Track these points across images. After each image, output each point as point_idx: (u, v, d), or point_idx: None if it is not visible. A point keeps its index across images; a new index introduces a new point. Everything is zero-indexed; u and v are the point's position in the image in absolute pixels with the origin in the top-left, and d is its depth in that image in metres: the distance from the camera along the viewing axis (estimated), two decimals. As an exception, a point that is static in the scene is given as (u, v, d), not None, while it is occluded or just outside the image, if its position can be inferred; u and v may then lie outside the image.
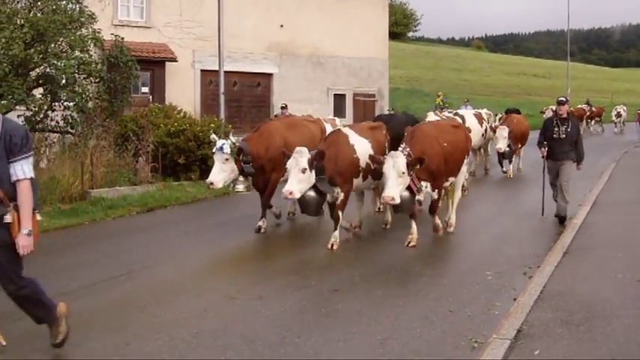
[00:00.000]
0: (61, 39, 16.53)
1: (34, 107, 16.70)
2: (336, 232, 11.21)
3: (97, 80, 18.63)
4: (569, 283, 8.95)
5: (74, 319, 6.84)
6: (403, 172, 10.39)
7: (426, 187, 11.19)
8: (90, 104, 18.40)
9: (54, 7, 16.51)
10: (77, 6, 17.34)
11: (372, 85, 36.26)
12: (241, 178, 12.64)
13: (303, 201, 10.93)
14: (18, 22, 15.80)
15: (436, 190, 11.51)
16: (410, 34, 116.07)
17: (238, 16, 29.12)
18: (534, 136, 16.36)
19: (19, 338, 6.91)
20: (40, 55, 16.39)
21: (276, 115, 24.70)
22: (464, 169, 13.01)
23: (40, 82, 17.19)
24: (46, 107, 17.12)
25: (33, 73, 17.02)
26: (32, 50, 16.16)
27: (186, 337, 7.08)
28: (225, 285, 9.25)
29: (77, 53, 16.96)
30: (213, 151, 12.29)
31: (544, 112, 38.56)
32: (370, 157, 11.23)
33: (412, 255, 10.77)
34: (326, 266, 10.10)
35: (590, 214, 13.95)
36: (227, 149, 12.00)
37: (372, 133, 12.30)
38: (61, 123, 17.62)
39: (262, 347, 6.81)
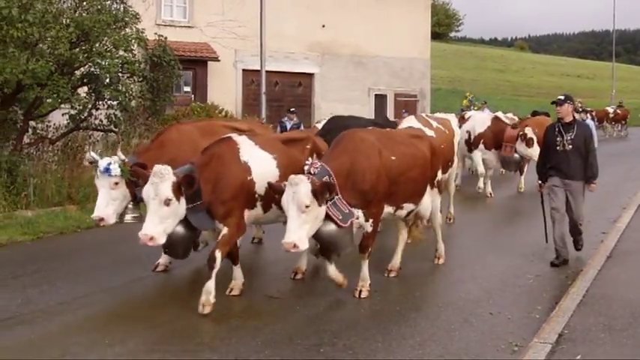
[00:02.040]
0: (106, 38, 16.69)
1: (79, 106, 16.90)
2: (204, 299, 7.96)
3: (140, 79, 18.79)
4: (612, 288, 8.82)
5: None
6: (307, 206, 7.46)
7: (357, 217, 8.22)
8: (133, 103, 18.57)
9: (99, 6, 16.67)
10: (121, 6, 17.49)
11: (413, 85, 36.10)
12: (131, 206, 9.27)
13: (169, 240, 7.88)
14: (64, 22, 15.98)
15: (370, 221, 8.37)
16: (452, 34, 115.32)
17: (280, 16, 29.20)
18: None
19: None
20: (85, 55, 16.57)
21: (280, 122, 22.19)
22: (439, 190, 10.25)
23: (85, 81, 17.38)
24: (90, 106, 17.31)
25: (78, 72, 17.22)
26: (77, 49, 16.35)
27: (226, 334, 7.12)
28: (265, 284, 9.28)
29: (121, 52, 17.11)
30: (97, 175, 9.00)
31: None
32: (269, 184, 8.18)
33: (452, 257, 10.68)
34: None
35: (635, 217, 13.72)
36: (115, 170, 8.83)
37: (285, 146, 8.98)
38: (105, 121, 17.80)
39: (300, 346, 6.82)
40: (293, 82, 32.92)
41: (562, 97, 10.31)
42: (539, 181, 10.60)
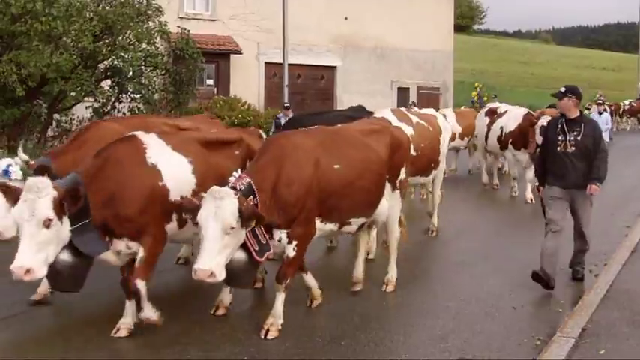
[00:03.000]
0: (129, 32, 16.82)
1: (102, 99, 17.07)
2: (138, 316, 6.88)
3: (162, 72, 18.92)
4: (636, 282, 8.75)
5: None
6: (232, 227, 6.16)
7: (279, 239, 6.85)
8: (156, 96, 18.70)
9: (122, 0, 16.79)
10: (144, -1, 17.60)
11: (436, 78, 35.95)
12: None
13: (52, 271, 6.24)
14: (87, 16, 16.12)
15: (294, 243, 6.87)
16: (475, 26, 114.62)
17: (302, 9, 29.18)
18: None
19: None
20: (109, 48, 16.71)
21: (276, 117, 20.55)
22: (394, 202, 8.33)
23: (108, 74, 17.54)
24: (113, 99, 17.47)
25: (101, 66, 17.37)
26: (101, 43, 16.49)
27: (248, 327, 7.13)
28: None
29: (144, 46, 17.24)
30: None
31: (588, 109, 31.79)
32: (182, 198, 6.74)
33: (474, 250, 10.63)
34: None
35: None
36: (17, 174, 7.33)
37: (206, 149, 7.39)
38: (128, 114, 17.92)
39: (322, 339, 6.82)
40: (315, 75, 32.92)
41: (562, 90, 8.78)
42: (537, 185, 9.28)
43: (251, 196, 6.44)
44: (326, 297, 8.14)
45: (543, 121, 13.90)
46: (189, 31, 21.69)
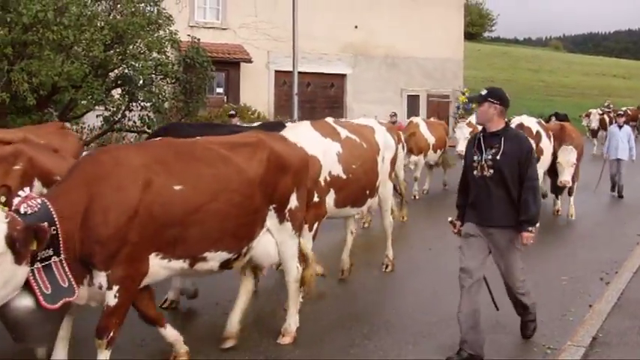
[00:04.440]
0: (139, 41, 16.86)
1: (113, 107, 17.11)
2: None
3: (173, 81, 18.94)
4: (648, 291, 8.71)
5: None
6: None
7: (100, 285, 5.45)
8: (166, 104, 18.73)
9: (133, 9, 16.84)
10: (155, 8, 17.64)
11: (446, 86, 35.92)
12: None
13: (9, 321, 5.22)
14: (98, 25, 16.17)
15: (115, 289, 5.46)
16: (486, 34, 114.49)
17: (312, 17, 29.24)
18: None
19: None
20: (119, 57, 16.75)
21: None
22: (299, 236, 7.01)
23: (119, 82, 17.58)
24: (123, 107, 17.50)
25: (112, 74, 17.41)
26: (111, 52, 16.53)
27: (256, 335, 7.13)
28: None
29: (154, 55, 17.28)
30: None
31: (588, 116, 31.50)
32: None
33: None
34: (396, 269, 10.03)
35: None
36: None
37: None
38: (138, 123, 17.98)
39: (331, 348, 6.82)
40: (325, 84, 32.96)
41: (483, 92, 6.60)
42: (452, 219, 6.94)
43: (46, 222, 5.02)
44: (333, 305, 8.14)
45: (569, 153, 13.14)
46: (199, 39, 21.72)
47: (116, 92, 17.82)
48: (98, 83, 15.86)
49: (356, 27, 32.87)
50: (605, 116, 30.53)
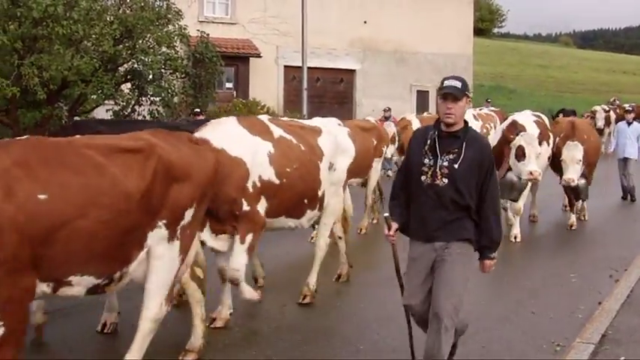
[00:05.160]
0: (149, 35, 16.88)
1: (122, 102, 17.15)
2: None
3: (182, 76, 18.97)
4: (658, 288, 8.68)
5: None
6: None
7: None
8: (175, 99, 18.76)
9: (142, 4, 16.85)
10: (164, 3, 17.66)
11: (455, 81, 35.80)
12: None
13: None
14: (108, 19, 16.20)
15: None
16: (495, 30, 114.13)
17: (322, 13, 29.21)
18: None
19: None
20: (129, 51, 16.78)
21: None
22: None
23: (128, 77, 17.61)
24: (133, 102, 17.54)
25: (121, 69, 17.44)
26: (121, 46, 16.55)
27: (266, 330, 7.14)
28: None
29: (164, 49, 17.30)
30: None
31: (592, 117, 27.64)
32: None
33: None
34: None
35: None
36: None
37: None
38: (148, 117, 18.00)
39: (340, 342, 6.82)
40: (334, 79, 32.93)
41: (458, 85, 5.25)
42: (387, 223, 5.51)
43: None
44: (343, 301, 8.15)
45: (574, 149, 12.13)
46: (208, 34, 21.79)
47: (126, 87, 17.86)
48: (108, 78, 15.89)
49: (365, 22, 32.80)
50: (612, 113, 29.27)
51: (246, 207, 6.86)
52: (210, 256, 7.17)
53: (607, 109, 29.85)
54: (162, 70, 17.70)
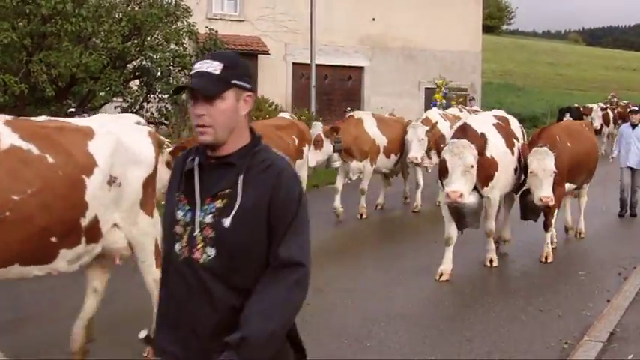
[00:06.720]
0: (157, 32, 16.93)
1: (130, 99, 17.21)
2: None
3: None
4: (666, 286, 8.64)
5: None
6: None
7: None
8: (183, 96, 18.77)
9: (151, 1, 16.91)
10: (173, 0, 17.71)
11: (464, 79, 35.69)
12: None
13: None
14: (117, 16, 16.26)
15: None
16: (504, 27, 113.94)
17: (330, 10, 29.17)
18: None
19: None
20: (137, 48, 16.84)
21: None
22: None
23: (137, 74, 17.67)
24: (141, 99, 17.59)
25: (130, 66, 17.50)
26: (129, 43, 16.61)
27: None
28: (313, 277, 9.24)
29: (172, 46, 17.35)
30: None
31: (587, 114, 26.21)
32: None
33: (503, 254, 10.55)
34: (415, 262, 10.00)
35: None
36: None
37: None
38: (156, 114, 18.06)
39: (348, 340, 6.81)
40: (343, 76, 32.88)
41: (212, 67, 2.82)
42: (147, 335, 3.09)
43: None
44: (351, 298, 8.14)
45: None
46: (217, 31, 21.77)
47: (134, 84, 17.91)
48: (116, 74, 15.95)
49: (373, 19, 32.73)
50: (609, 111, 26.82)
51: None
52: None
53: (604, 107, 27.47)
54: (171, 67, 17.74)
